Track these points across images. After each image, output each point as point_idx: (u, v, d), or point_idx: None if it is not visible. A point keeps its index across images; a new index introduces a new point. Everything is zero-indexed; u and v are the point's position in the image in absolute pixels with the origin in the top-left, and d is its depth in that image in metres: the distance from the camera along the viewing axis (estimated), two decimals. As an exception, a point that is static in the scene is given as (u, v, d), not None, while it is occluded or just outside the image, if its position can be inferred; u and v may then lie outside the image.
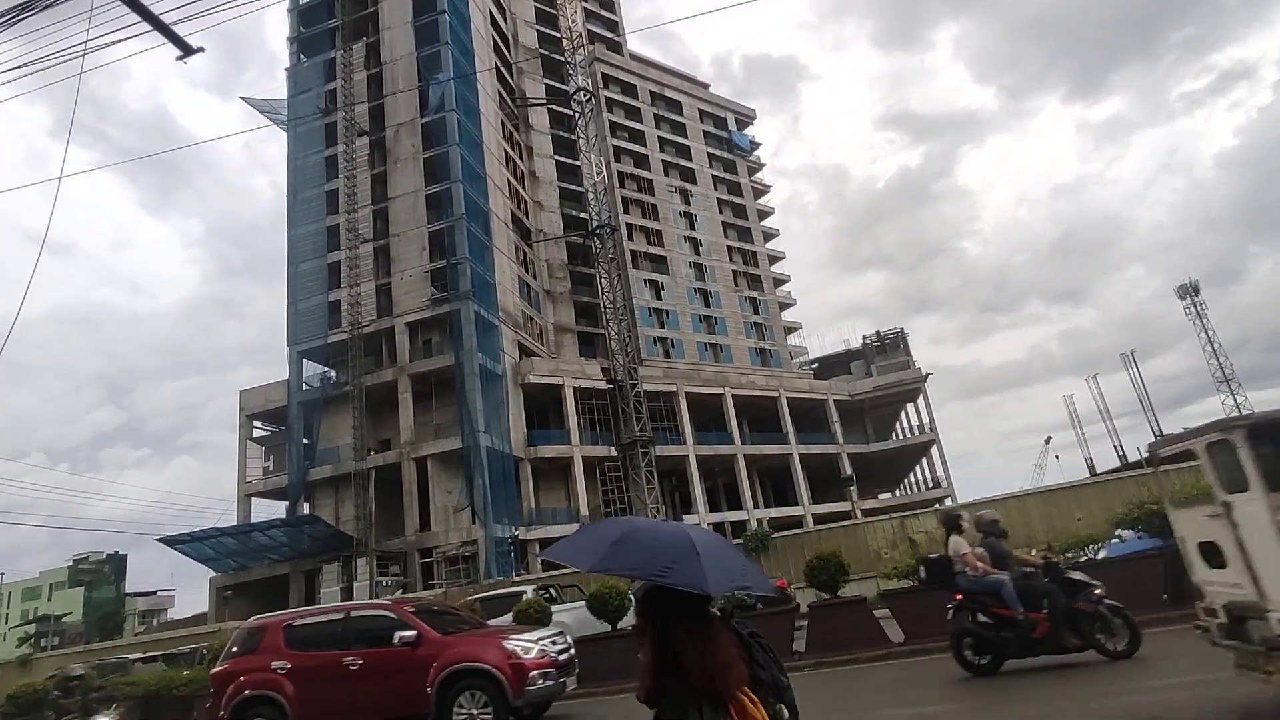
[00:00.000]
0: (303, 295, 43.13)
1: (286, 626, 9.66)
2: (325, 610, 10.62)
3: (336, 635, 9.41)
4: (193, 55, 9.84)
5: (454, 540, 36.31)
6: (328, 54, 46.92)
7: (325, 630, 9.61)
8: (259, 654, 9.47)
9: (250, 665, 9.41)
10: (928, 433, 60.14)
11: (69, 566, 76.76)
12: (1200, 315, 67.70)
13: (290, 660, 9.25)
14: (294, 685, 9.04)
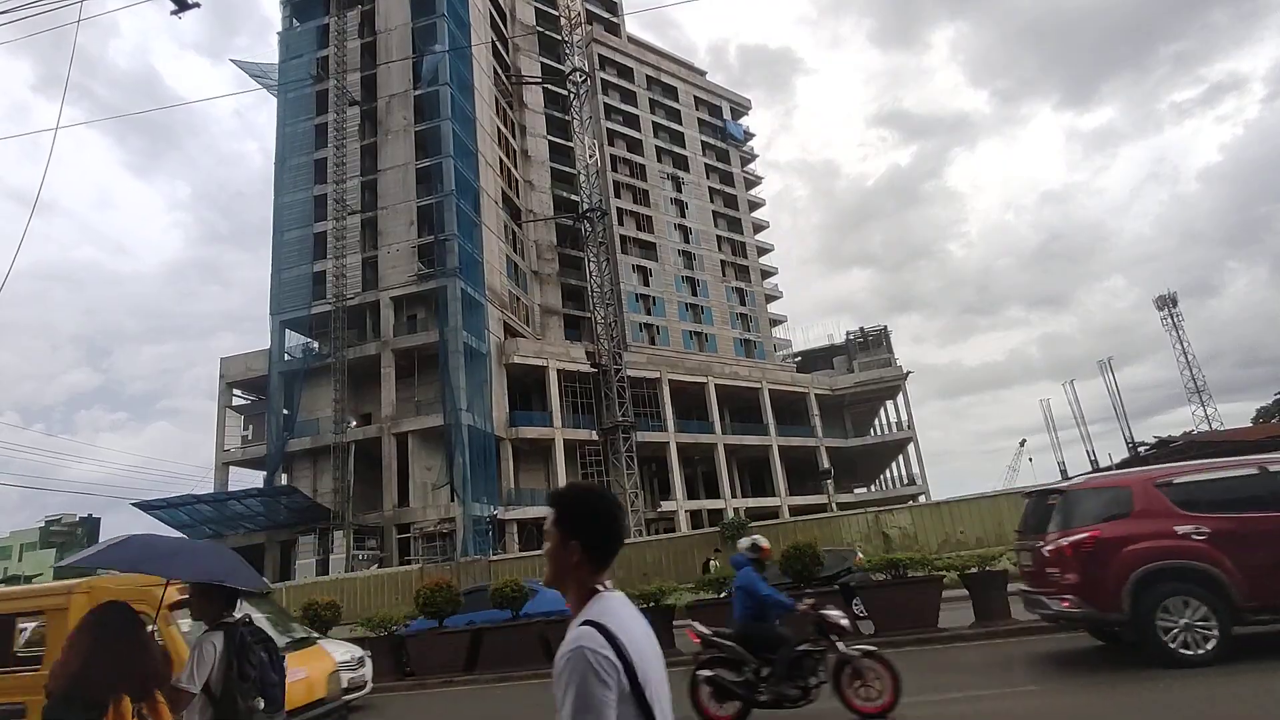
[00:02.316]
0: (287, 264, 42.67)
1: (1165, 484, 7.63)
2: (1228, 465, 8.14)
3: (1255, 495, 7.44)
4: (189, 10, 9.72)
5: (432, 517, 36.35)
6: (321, 20, 46.16)
7: (1236, 488, 7.58)
8: (1139, 518, 7.44)
9: (1136, 531, 7.33)
10: (905, 430, 60.83)
11: (40, 528, 75.90)
12: (1177, 327, 68.90)
13: (1203, 524, 7.20)
14: (1224, 555, 7.02)
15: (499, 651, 12.57)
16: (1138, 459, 43.44)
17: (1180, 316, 68.93)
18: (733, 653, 6.70)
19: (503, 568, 21.84)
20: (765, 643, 6.69)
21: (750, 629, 6.77)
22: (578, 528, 1.70)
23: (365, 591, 22.11)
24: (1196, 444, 38.92)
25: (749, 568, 7.03)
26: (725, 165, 72.24)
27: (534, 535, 41.84)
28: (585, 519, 1.71)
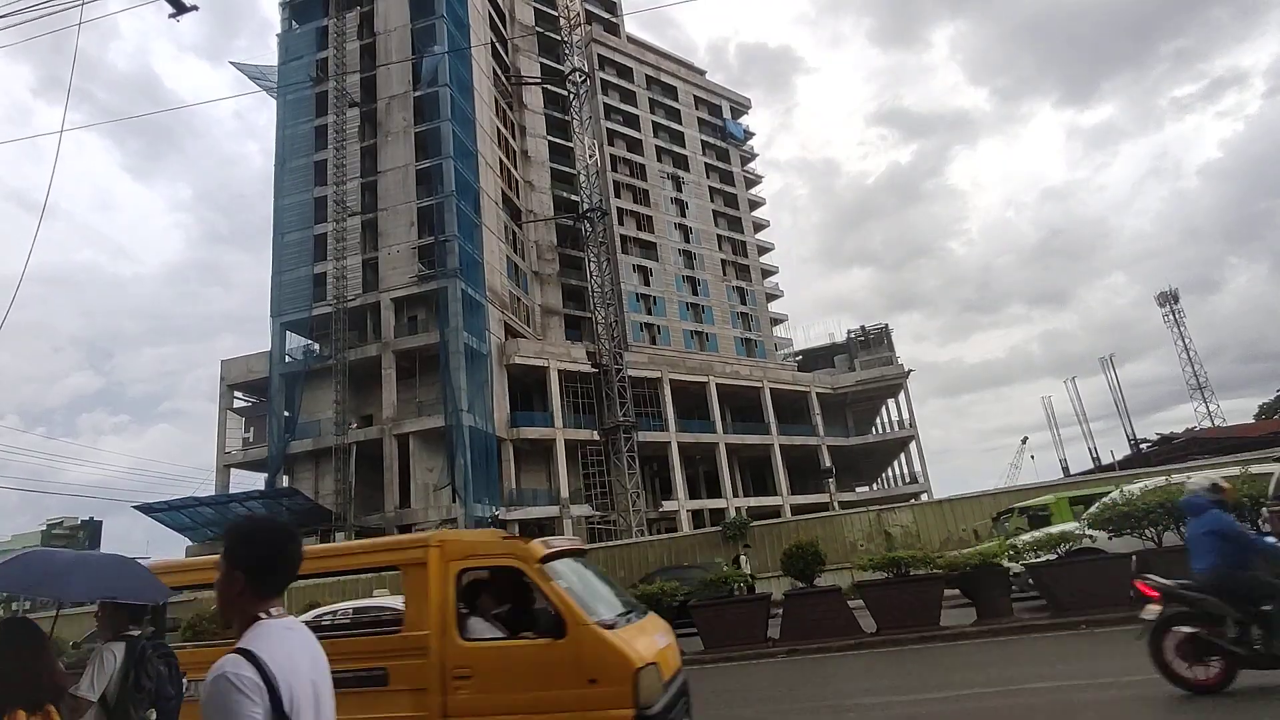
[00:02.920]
0: (288, 266, 42.68)
1: None
2: None
3: None
4: (186, 13, 9.71)
5: (434, 518, 36.34)
6: (320, 22, 46.15)
7: None
8: None
9: None
10: (907, 428, 60.76)
11: (42, 530, 75.97)
12: (1178, 323, 68.87)
13: None
14: None
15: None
16: (1140, 456, 43.50)
17: (1181, 313, 68.98)
18: (1213, 606, 5.91)
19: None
20: (1252, 593, 5.85)
21: (1232, 579, 5.92)
22: (240, 560, 1.78)
23: (368, 592, 22.08)
24: (1199, 440, 38.85)
25: (1216, 510, 6.16)
26: (725, 164, 72.21)
27: (536, 536, 41.79)
28: (248, 551, 1.79)
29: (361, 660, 5.06)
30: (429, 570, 5.16)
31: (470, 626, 5.13)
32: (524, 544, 5.29)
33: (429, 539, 5.37)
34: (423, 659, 4.95)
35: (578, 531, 41.41)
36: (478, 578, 5.59)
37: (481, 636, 5.10)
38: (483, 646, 5.04)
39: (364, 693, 4.91)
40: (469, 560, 5.32)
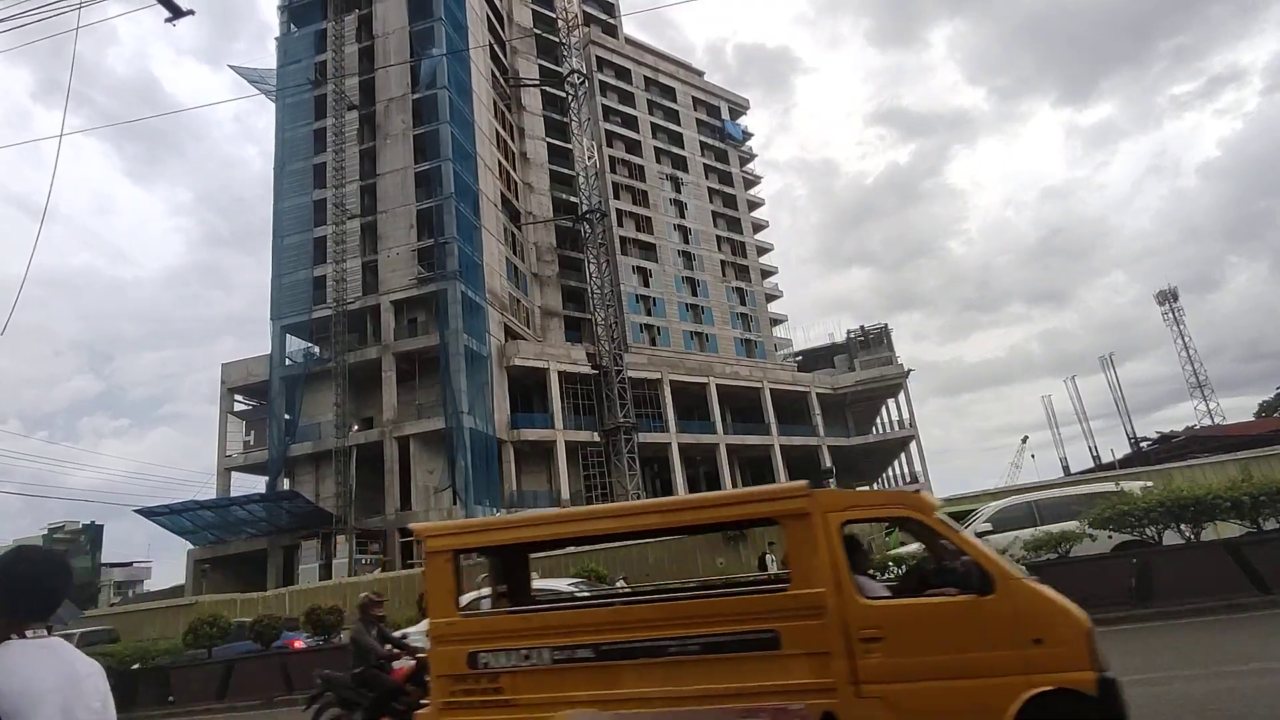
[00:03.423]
0: (287, 269, 42.69)
1: None
2: None
3: None
4: (182, 17, 9.71)
5: (435, 520, 36.34)
6: (319, 25, 46.19)
7: None
8: None
9: None
10: (907, 428, 60.77)
11: (43, 535, 75.75)
12: (1178, 322, 68.90)
13: None
14: None
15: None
16: (1140, 454, 43.48)
17: (1181, 311, 69.01)
18: None
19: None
20: None
21: None
22: None
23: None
24: (1199, 439, 38.94)
25: None
26: (724, 165, 72.24)
27: (537, 537, 41.84)
28: (2, 579, 1.90)
29: (745, 622, 4.69)
30: (814, 522, 4.77)
31: (862, 585, 4.74)
32: (913, 494, 5.13)
33: (803, 489, 4.95)
34: (819, 619, 4.58)
35: (578, 533, 41.43)
36: None
37: (877, 595, 4.78)
38: (893, 605, 4.71)
39: (751, 658, 4.61)
40: (850, 512, 4.98)
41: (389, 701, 7.04)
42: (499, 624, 5.25)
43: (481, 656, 4.98)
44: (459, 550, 5.46)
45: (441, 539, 5.38)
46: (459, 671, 5.00)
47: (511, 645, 4.96)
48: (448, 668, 5.05)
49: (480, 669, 4.97)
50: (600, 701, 4.72)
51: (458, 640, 5.08)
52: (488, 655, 4.97)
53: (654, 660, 4.73)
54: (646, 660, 4.74)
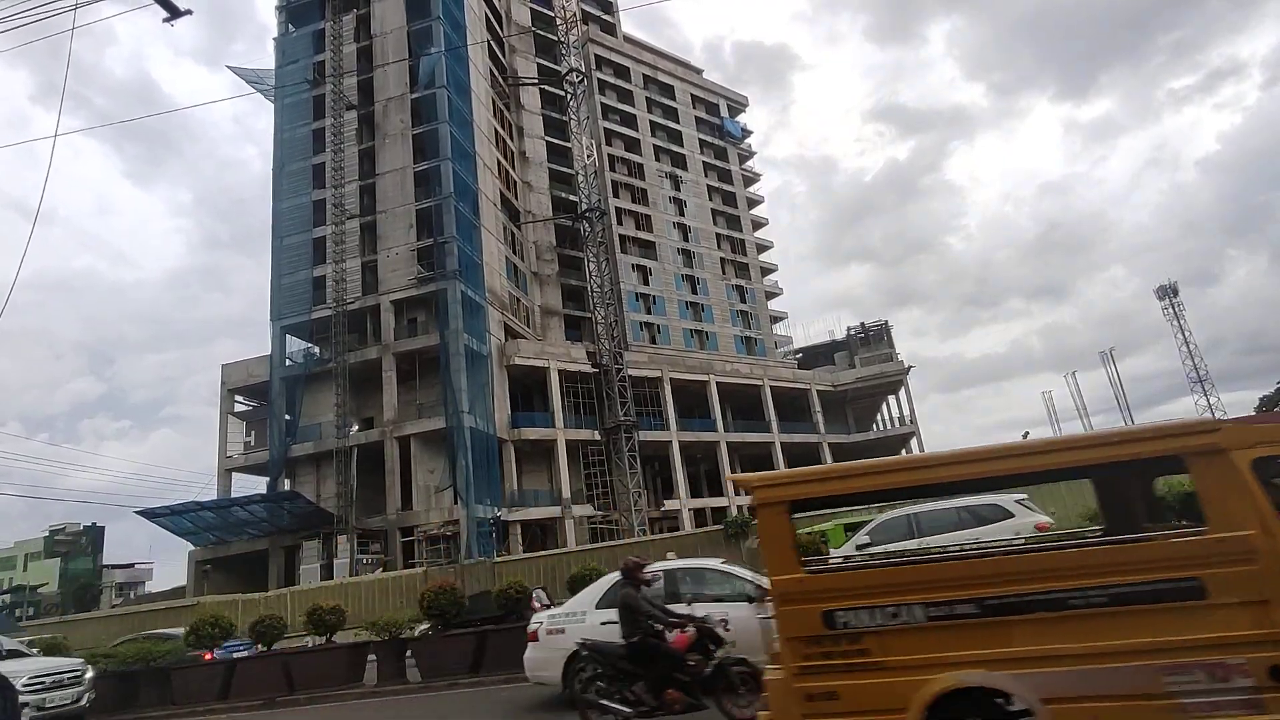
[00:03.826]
0: (287, 270, 42.69)
1: None
2: None
3: None
4: (180, 17, 9.70)
5: (435, 520, 36.37)
6: (317, 25, 46.15)
7: None
8: None
9: None
10: (908, 425, 60.82)
11: (45, 537, 75.93)
12: (1178, 316, 68.75)
13: None
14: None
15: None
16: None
17: (1181, 305, 68.79)
18: None
19: (507, 569, 21.85)
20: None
21: None
22: None
23: (370, 595, 22.13)
24: (1200, 434, 38.71)
25: None
26: (723, 163, 72.20)
27: (538, 536, 41.88)
28: None
29: (1158, 570, 4.30)
30: (1230, 460, 4.35)
31: None
32: None
33: (1214, 423, 4.53)
34: (1250, 565, 4.19)
35: (579, 532, 41.48)
36: None
37: None
38: None
39: (1169, 609, 4.25)
40: (1262, 448, 4.45)
41: (672, 672, 6.71)
42: (858, 580, 4.85)
43: (839, 616, 4.60)
44: (794, 501, 5.02)
45: (775, 489, 4.97)
46: (814, 633, 4.62)
47: (876, 602, 4.57)
48: (799, 629, 4.66)
49: (840, 629, 4.60)
50: (989, 661, 4.35)
51: (808, 599, 4.67)
52: (847, 614, 4.59)
53: (1052, 615, 4.36)
54: (1043, 615, 4.36)
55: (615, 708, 6.74)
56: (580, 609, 8.74)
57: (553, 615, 8.87)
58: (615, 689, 6.84)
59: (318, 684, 12.93)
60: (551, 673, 8.53)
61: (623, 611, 6.96)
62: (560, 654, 8.38)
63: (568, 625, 8.56)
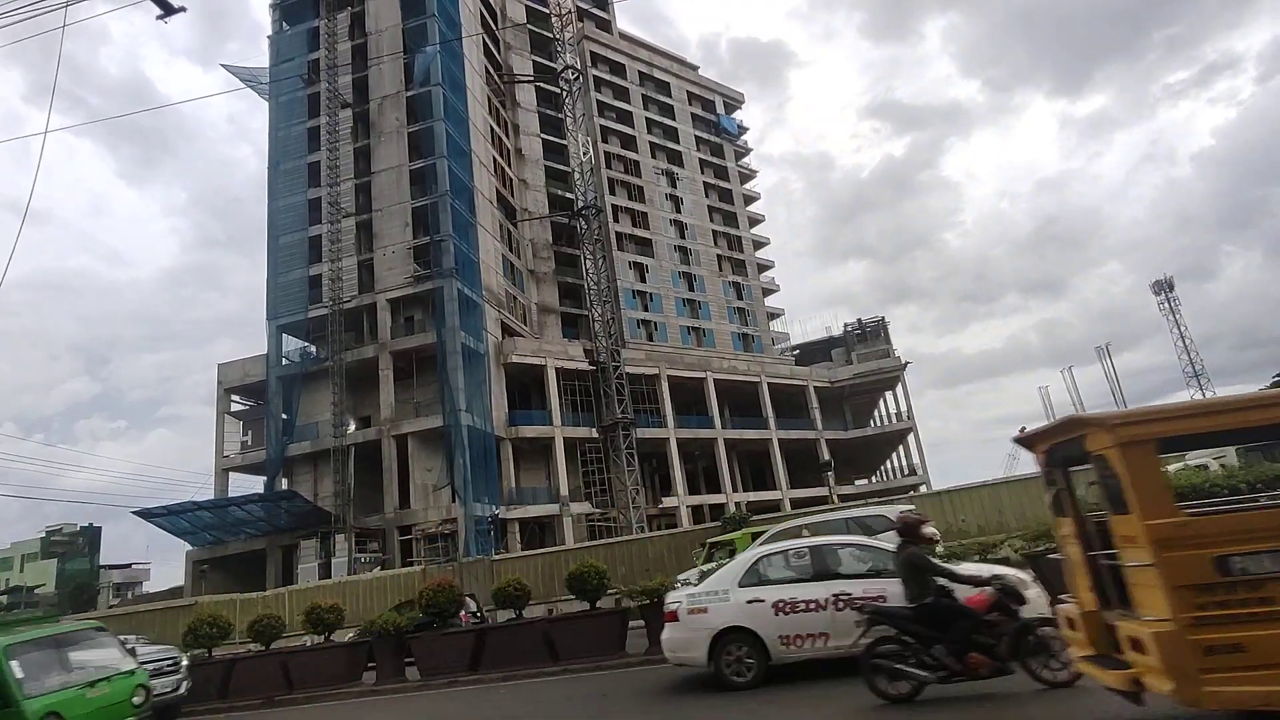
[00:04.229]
0: (283, 269, 42.59)
1: None
2: None
3: None
4: (174, 14, 9.66)
5: (433, 518, 36.34)
6: (312, 22, 45.99)
7: None
8: None
9: None
10: (905, 420, 60.86)
11: (41, 538, 75.82)
12: (1173, 311, 68.97)
13: None
14: None
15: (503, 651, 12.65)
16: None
17: (1177, 301, 69.06)
18: None
19: (505, 567, 21.82)
20: None
21: None
22: None
23: (368, 594, 22.07)
24: (1195, 428, 38.86)
25: None
26: (719, 160, 72.12)
27: (536, 534, 41.88)
28: None
29: None
30: None
31: None
32: None
33: None
34: None
35: (577, 530, 41.50)
36: None
37: None
38: None
39: None
40: None
41: (973, 634, 6.43)
42: (1257, 521, 4.43)
43: (1235, 561, 4.26)
44: (1164, 439, 4.64)
45: (1142, 427, 4.60)
46: (1206, 580, 4.30)
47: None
48: (1188, 577, 4.31)
49: (1237, 575, 4.26)
50: None
51: (1195, 544, 4.33)
52: (1244, 559, 4.24)
53: None
54: None
55: (913, 672, 6.52)
56: (722, 587, 8.57)
57: (692, 595, 8.70)
58: (909, 654, 6.60)
59: (318, 683, 12.94)
60: (695, 653, 8.39)
61: (909, 572, 6.79)
62: (705, 633, 8.31)
63: (710, 604, 8.44)
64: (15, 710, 6.97)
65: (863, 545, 8.75)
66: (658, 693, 8.89)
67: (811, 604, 8.07)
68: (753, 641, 8.16)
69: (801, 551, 8.61)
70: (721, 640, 8.25)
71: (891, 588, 7.46)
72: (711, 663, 8.26)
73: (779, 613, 8.15)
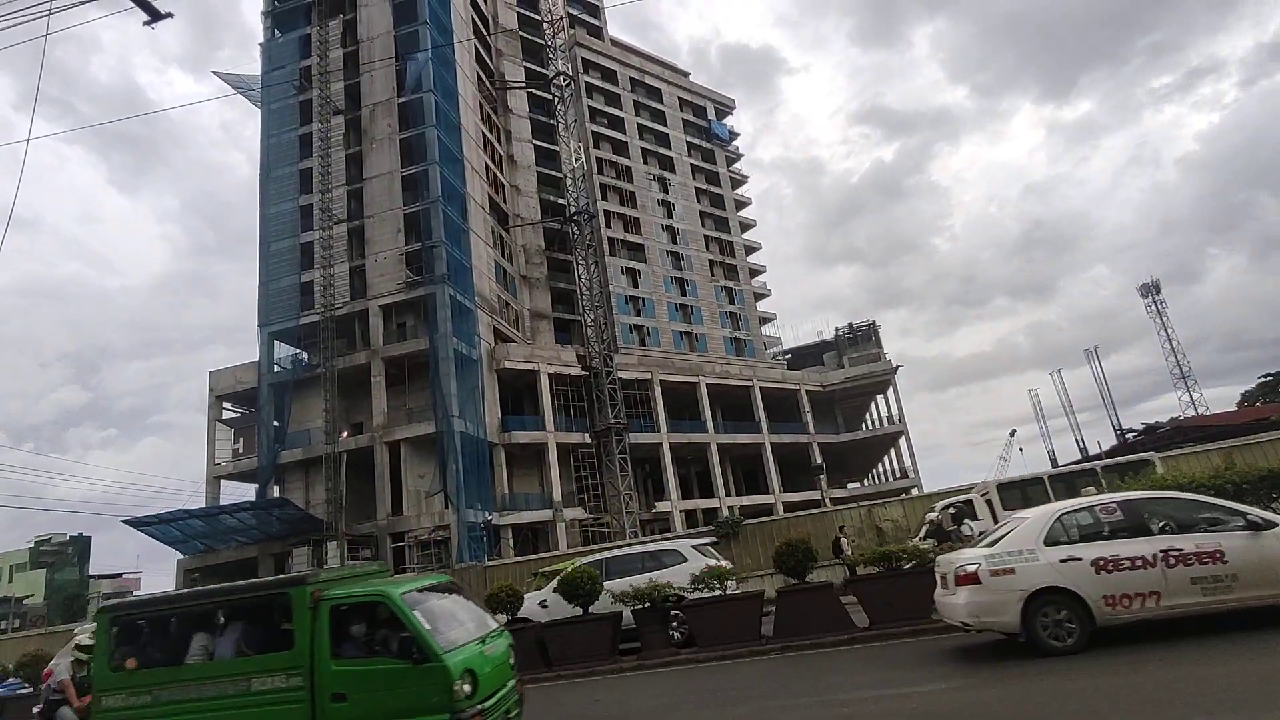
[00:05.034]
0: (275, 275, 42.48)
1: None
2: None
3: None
4: (161, 20, 9.71)
5: (426, 525, 36.27)
6: (303, 30, 45.97)
7: None
8: None
9: None
10: (896, 424, 61.16)
11: (30, 548, 75.12)
12: (1161, 313, 69.63)
13: None
14: None
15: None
16: (1126, 446, 43.97)
17: (1164, 303, 69.85)
18: None
19: (499, 573, 21.84)
20: None
21: None
22: None
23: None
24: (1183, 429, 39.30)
25: None
26: (711, 165, 72.44)
27: (529, 540, 41.83)
28: None
29: None
30: None
31: None
32: None
33: None
34: None
35: (571, 535, 41.49)
36: None
37: None
38: None
39: None
40: None
41: None
42: None
43: None
44: None
45: None
46: None
47: None
48: None
49: None
50: None
51: None
52: None
53: None
54: None
55: None
56: (1025, 546, 8.04)
57: (992, 555, 8.14)
58: None
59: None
60: (1005, 617, 7.84)
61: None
62: (1015, 595, 7.77)
63: (1017, 565, 7.89)
64: (436, 665, 5.96)
65: (1187, 499, 8.45)
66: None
67: (1138, 561, 7.64)
68: (1072, 603, 7.67)
69: (1110, 506, 8.20)
70: (1035, 602, 7.75)
71: (1227, 541, 7.39)
72: (1024, 626, 7.75)
73: (1100, 571, 7.68)
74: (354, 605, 6.60)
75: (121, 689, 6.62)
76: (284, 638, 6.51)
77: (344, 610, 6.51)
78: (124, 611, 7.27)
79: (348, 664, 6.27)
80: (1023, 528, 8.37)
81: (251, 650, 6.63)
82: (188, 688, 6.50)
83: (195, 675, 6.56)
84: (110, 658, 6.86)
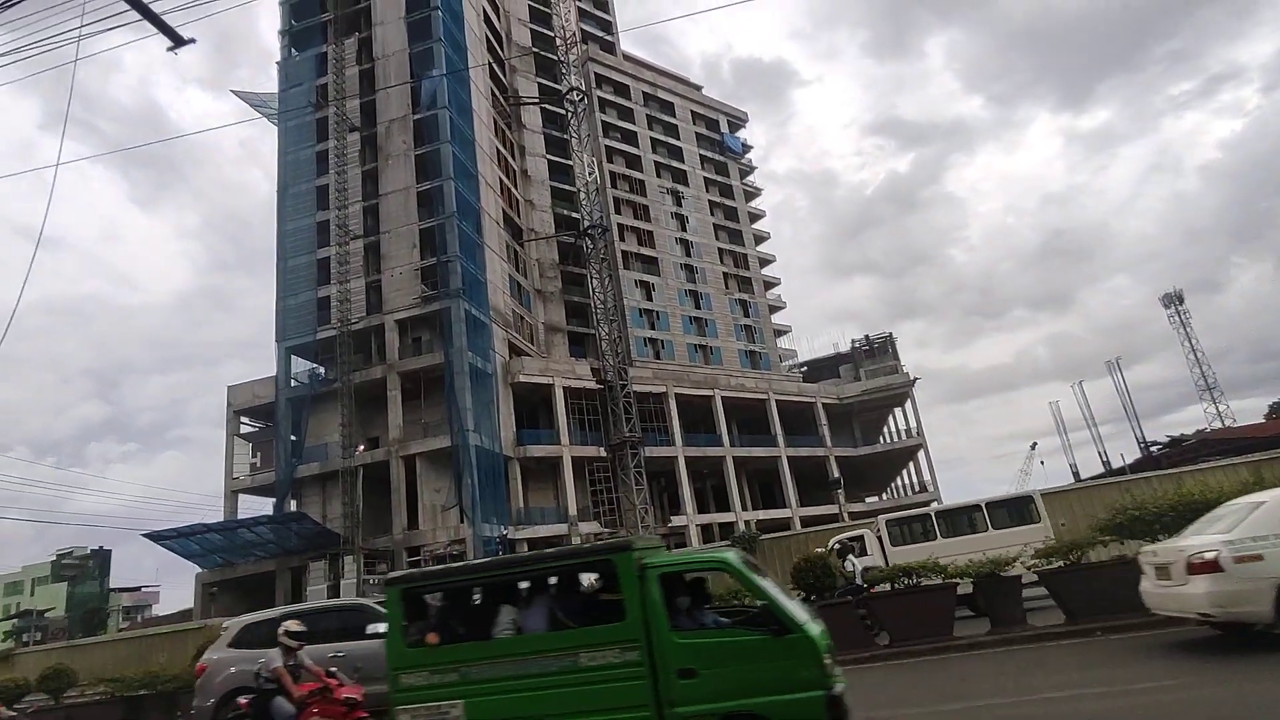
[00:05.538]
0: (292, 291, 42.90)
1: None
2: None
3: None
4: (184, 46, 9.82)
5: (442, 539, 36.24)
6: (320, 48, 46.65)
7: None
8: None
9: None
10: (915, 437, 60.47)
11: (52, 561, 75.94)
12: (1184, 324, 68.63)
13: None
14: None
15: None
16: (1151, 459, 43.20)
17: (1187, 314, 68.83)
18: None
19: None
20: None
21: None
22: None
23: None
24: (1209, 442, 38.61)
25: None
26: (724, 178, 72.51)
27: (545, 554, 41.63)
28: None
29: None
30: None
31: None
32: None
33: None
34: None
35: (587, 549, 41.25)
36: None
37: None
38: None
39: None
40: None
41: None
42: None
43: None
44: None
45: None
46: None
47: None
48: None
49: None
50: None
51: None
52: None
53: None
54: None
55: None
56: (1271, 531, 7.50)
57: (1234, 542, 7.55)
58: None
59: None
60: (1256, 606, 7.27)
61: None
62: (1267, 583, 7.20)
63: (1266, 551, 7.33)
64: (801, 636, 5.53)
65: None
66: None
67: None
68: None
69: None
70: None
71: None
72: (1277, 616, 7.20)
73: None
74: (686, 573, 6.12)
75: (424, 666, 6.03)
76: (607, 609, 5.98)
77: (673, 579, 5.97)
78: (415, 584, 6.64)
79: (692, 636, 5.72)
80: (1261, 512, 7.75)
81: (572, 623, 6.05)
82: (501, 664, 5.95)
83: (510, 650, 5.99)
84: (405, 633, 6.22)
